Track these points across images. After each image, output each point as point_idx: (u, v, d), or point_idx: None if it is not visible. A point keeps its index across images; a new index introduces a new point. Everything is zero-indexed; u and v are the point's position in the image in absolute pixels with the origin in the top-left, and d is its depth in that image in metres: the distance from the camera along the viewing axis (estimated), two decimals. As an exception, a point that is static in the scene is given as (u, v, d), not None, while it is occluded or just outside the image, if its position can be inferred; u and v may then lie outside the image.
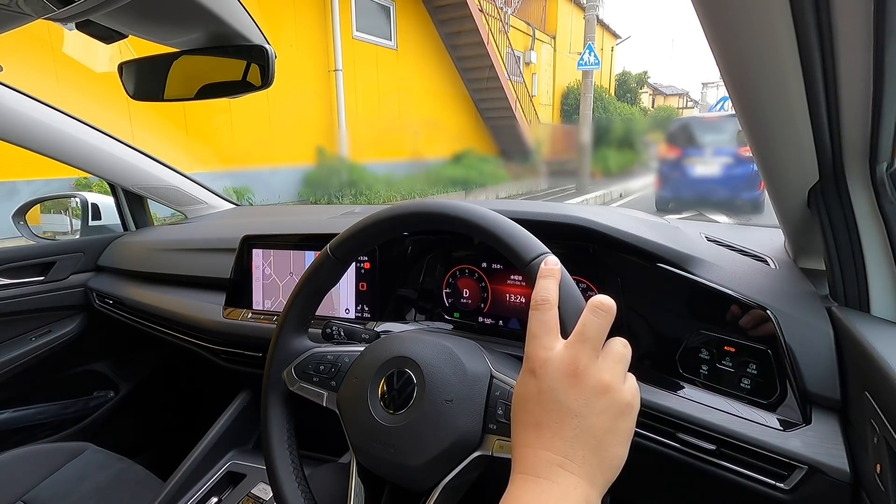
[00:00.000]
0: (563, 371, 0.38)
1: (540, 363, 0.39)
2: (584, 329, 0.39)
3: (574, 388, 0.37)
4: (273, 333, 0.61)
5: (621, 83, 19.00)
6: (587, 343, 0.39)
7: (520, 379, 0.41)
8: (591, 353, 0.39)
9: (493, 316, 0.88)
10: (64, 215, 1.57)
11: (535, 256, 0.47)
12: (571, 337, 0.39)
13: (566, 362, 0.38)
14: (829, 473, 0.54)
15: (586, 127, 9.68)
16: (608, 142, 7.93)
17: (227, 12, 0.69)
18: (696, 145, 6.29)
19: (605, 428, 0.37)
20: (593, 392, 0.37)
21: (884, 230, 0.57)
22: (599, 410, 0.37)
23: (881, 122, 0.48)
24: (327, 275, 0.60)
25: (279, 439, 0.58)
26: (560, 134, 13.09)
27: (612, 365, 0.39)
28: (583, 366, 0.38)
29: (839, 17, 0.39)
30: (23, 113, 1.13)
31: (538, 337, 0.40)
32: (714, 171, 6.03)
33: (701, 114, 7.31)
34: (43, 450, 1.11)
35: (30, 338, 1.32)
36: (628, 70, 19.83)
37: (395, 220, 0.56)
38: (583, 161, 8.35)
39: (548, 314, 0.40)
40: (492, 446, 0.49)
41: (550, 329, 0.40)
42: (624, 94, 18.50)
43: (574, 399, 0.37)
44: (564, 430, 0.36)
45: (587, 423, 0.36)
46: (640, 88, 20.13)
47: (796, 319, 0.62)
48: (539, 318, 0.41)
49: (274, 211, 1.80)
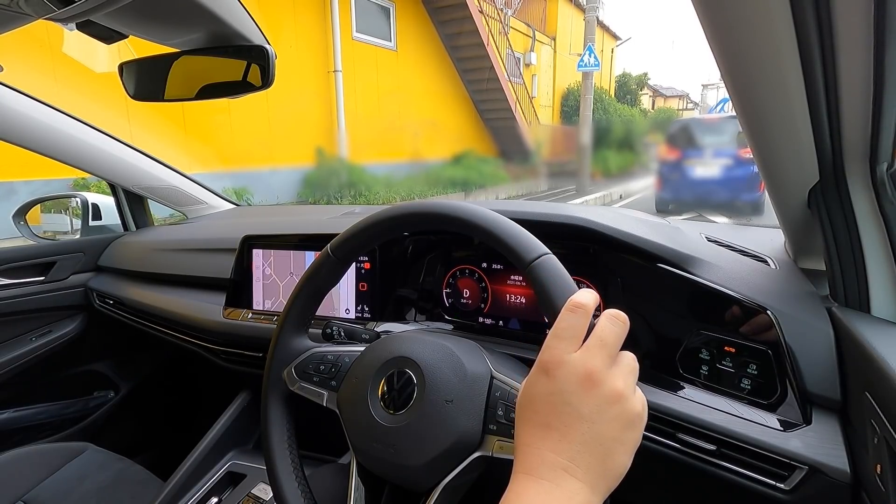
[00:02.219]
0: (578, 375, 0.37)
1: (556, 364, 0.38)
2: (602, 335, 0.39)
3: (587, 394, 0.37)
4: (273, 333, 0.61)
5: (621, 85, 18.99)
6: (604, 349, 0.38)
7: (531, 378, 0.40)
8: (608, 360, 0.38)
9: (493, 316, 0.88)
10: (64, 215, 1.57)
11: (535, 257, 0.47)
12: (590, 341, 0.39)
13: (583, 366, 0.38)
14: (829, 474, 0.54)
15: (586, 128, 9.57)
16: (608, 143, 7.82)
17: (228, 12, 0.69)
18: (696, 147, 6.27)
19: (613, 436, 0.37)
20: (606, 399, 0.37)
21: (884, 230, 0.57)
22: (610, 418, 0.37)
23: (881, 122, 0.48)
24: (328, 275, 0.60)
25: (279, 439, 0.58)
26: (560, 135, 12.97)
27: (626, 374, 0.39)
28: (599, 372, 0.37)
29: (839, 17, 0.39)
30: (23, 113, 1.13)
31: (562, 339, 0.39)
32: (714, 172, 6.00)
33: (701, 115, 7.17)
34: (43, 450, 1.11)
35: (30, 338, 1.32)
36: (629, 72, 19.82)
37: (396, 221, 0.56)
38: (583, 162, 8.27)
39: (582, 319, 0.40)
40: (492, 447, 0.49)
41: (578, 335, 0.39)
42: (624, 95, 18.46)
43: (586, 404, 0.37)
44: (573, 434, 0.36)
45: (596, 429, 0.36)
46: (640, 90, 20.11)
47: (796, 320, 0.62)
48: (570, 321, 0.40)
49: (274, 211, 1.80)
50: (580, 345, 0.39)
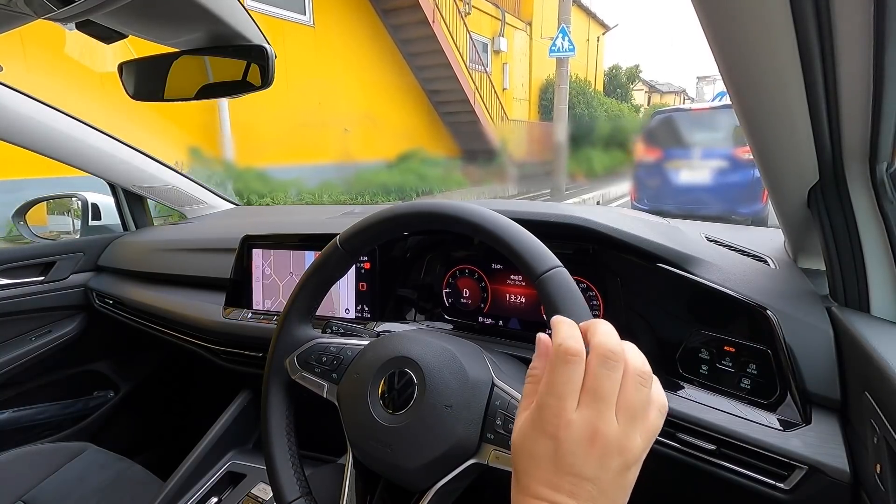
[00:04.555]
0: (581, 434, 0.36)
1: (564, 424, 0.36)
2: (597, 387, 0.36)
3: (590, 452, 0.36)
4: (278, 320, 0.62)
5: (611, 78, 17.88)
6: (602, 403, 0.36)
7: (529, 433, 0.38)
8: (608, 413, 0.36)
9: (493, 316, 0.88)
10: (67, 217, 1.58)
11: (546, 269, 0.46)
12: (586, 397, 0.36)
13: (584, 425, 0.36)
14: (829, 473, 0.54)
15: (562, 123, 8.04)
16: (592, 141, 6.91)
17: (227, 12, 0.69)
18: (682, 144, 4.98)
19: (616, 484, 0.36)
20: (608, 454, 0.36)
21: (884, 230, 0.57)
22: (612, 470, 0.36)
23: (881, 122, 0.48)
24: (335, 267, 0.60)
25: (278, 425, 0.59)
26: (538, 132, 11.66)
27: (627, 422, 0.37)
28: (601, 430, 0.36)
29: (839, 17, 0.39)
30: (23, 113, 1.13)
31: (563, 398, 0.36)
32: (704, 177, 4.76)
33: (688, 105, 5.98)
34: (43, 450, 1.11)
35: (30, 338, 1.32)
36: (619, 64, 18.83)
37: (402, 219, 0.56)
38: (558, 162, 7.26)
39: (578, 370, 0.37)
40: (488, 455, 0.49)
41: (576, 389, 0.37)
42: (614, 89, 17.38)
43: (590, 464, 0.36)
44: (580, 493, 0.36)
45: (601, 486, 0.36)
46: (631, 84, 18.83)
47: (796, 319, 0.62)
48: (567, 374, 0.37)
49: (274, 211, 1.80)
50: (578, 398, 0.37)
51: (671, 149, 5.00)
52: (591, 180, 7.44)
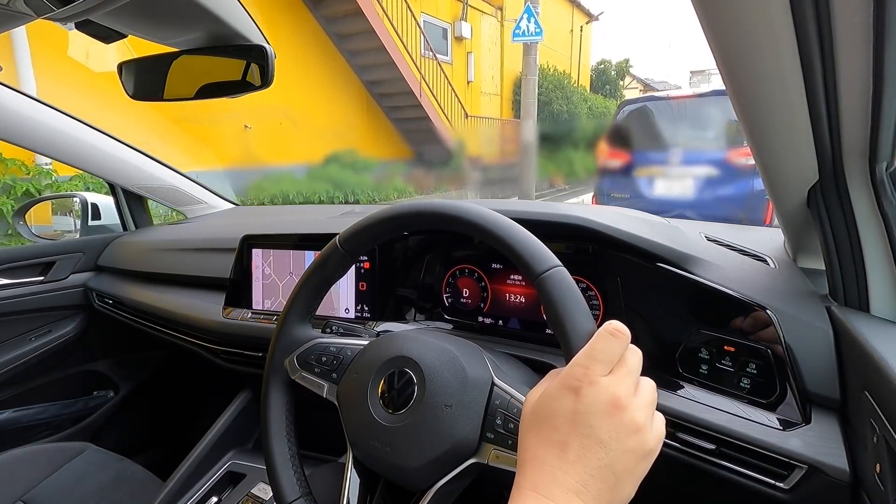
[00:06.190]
0: (606, 399, 0.37)
1: (588, 383, 0.38)
2: (627, 363, 0.39)
3: (611, 420, 0.37)
4: (278, 320, 0.62)
5: (599, 73, 16.72)
6: (630, 377, 0.39)
7: (552, 392, 0.39)
8: (633, 388, 0.39)
9: (493, 316, 0.88)
10: (69, 217, 1.58)
11: (546, 269, 0.46)
12: (619, 368, 0.39)
13: (612, 392, 0.37)
14: (828, 473, 0.54)
15: (530, 121, 7.08)
16: (573, 141, 5.94)
17: (227, 12, 0.69)
18: (658, 144, 3.70)
19: (626, 467, 0.36)
20: (626, 429, 0.37)
21: (884, 230, 0.57)
22: (626, 449, 0.36)
23: (881, 122, 0.48)
24: (335, 266, 0.60)
25: (278, 425, 0.59)
26: (510, 131, 10.09)
27: (646, 406, 0.39)
28: (624, 400, 0.37)
29: (839, 16, 0.39)
30: (23, 113, 1.13)
31: (597, 361, 0.39)
32: (685, 189, 3.48)
33: (665, 92, 4.88)
34: (43, 450, 1.11)
35: (30, 338, 1.32)
36: (609, 59, 17.41)
37: (402, 219, 0.56)
38: (526, 164, 6.32)
39: (619, 346, 0.40)
40: (488, 455, 0.49)
41: (612, 360, 0.39)
42: (602, 85, 16.46)
43: (607, 430, 0.36)
44: (589, 458, 0.36)
45: (612, 457, 0.36)
46: (621, 80, 17.57)
47: (796, 319, 0.62)
48: (609, 344, 0.39)
49: (274, 211, 1.81)
50: (610, 370, 0.39)
51: (643, 151, 3.76)
52: (573, 184, 6.59)
